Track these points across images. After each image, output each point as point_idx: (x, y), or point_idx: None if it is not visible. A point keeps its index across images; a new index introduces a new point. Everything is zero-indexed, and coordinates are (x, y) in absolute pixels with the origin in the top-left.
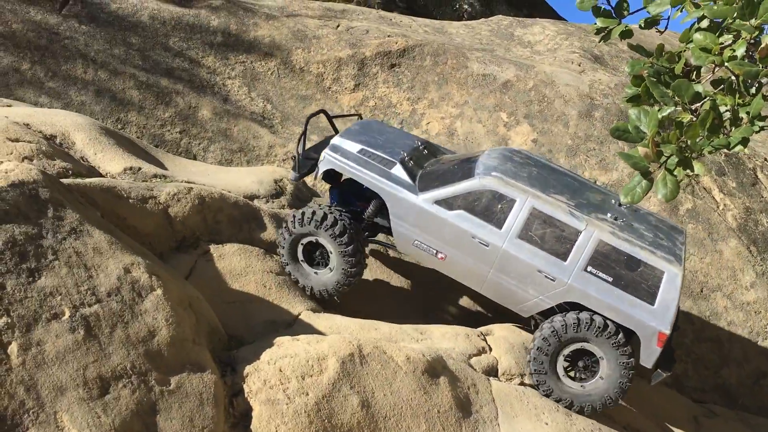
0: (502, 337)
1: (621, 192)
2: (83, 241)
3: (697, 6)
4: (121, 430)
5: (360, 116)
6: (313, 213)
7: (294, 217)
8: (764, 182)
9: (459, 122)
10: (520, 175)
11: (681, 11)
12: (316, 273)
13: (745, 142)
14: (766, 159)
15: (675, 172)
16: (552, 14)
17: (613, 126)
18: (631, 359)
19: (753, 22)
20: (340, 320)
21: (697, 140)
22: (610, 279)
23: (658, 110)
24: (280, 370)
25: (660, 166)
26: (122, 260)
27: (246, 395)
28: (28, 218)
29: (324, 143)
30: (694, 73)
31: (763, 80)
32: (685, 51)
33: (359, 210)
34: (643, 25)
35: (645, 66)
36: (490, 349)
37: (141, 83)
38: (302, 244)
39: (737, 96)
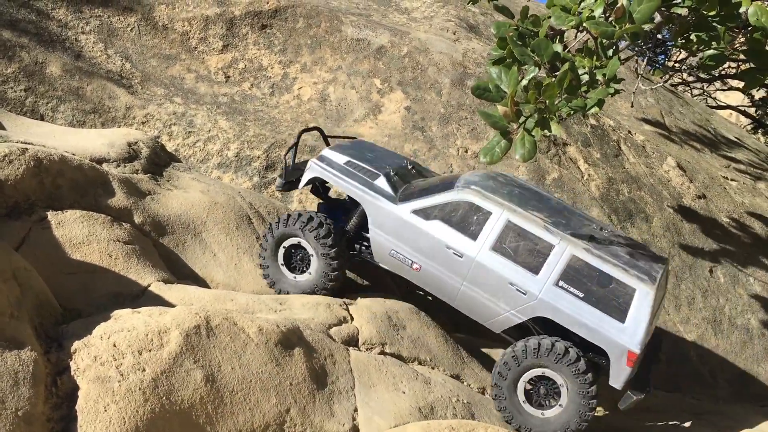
0: (365, 306)
1: (480, 153)
2: None
3: None
4: None
5: (355, 139)
6: (299, 215)
7: (279, 218)
8: (627, 154)
9: (332, 88)
10: (499, 192)
11: None
12: (294, 278)
13: (600, 103)
14: (630, 132)
15: (533, 133)
16: None
17: (474, 84)
18: (593, 387)
19: None
20: (193, 291)
21: (555, 101)
22: (581, 295)
23: (526, 73)
24: (114, 345)
25: (518, 127)
26: None
27: (72, 373)
28: None
29: None
30: (558, 37)
31: (621, 43)
32: (550, 17)
33: (344, 225)
34: None
35: (510, 28)
36: (352, 319)
37: None
38: (284, 246)
39: (595, 58)
